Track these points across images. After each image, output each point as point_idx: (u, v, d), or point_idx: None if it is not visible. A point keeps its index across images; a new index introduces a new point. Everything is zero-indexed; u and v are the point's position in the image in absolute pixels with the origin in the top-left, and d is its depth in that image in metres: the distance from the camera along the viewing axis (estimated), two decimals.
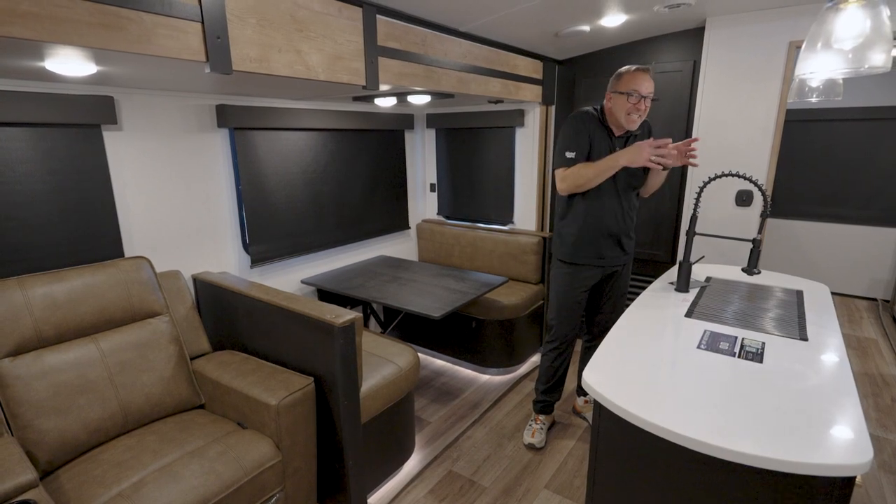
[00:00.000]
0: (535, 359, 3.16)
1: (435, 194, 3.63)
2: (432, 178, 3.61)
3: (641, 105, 1.90)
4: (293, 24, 1.46)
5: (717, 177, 1.81)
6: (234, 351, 2.03)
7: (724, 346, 1.45)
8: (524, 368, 3.06)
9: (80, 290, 1.66)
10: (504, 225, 3.32)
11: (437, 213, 3.66)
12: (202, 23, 1.24)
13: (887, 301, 4.17)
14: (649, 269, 3.03)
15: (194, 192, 2.17)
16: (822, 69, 1.04)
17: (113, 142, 1.87)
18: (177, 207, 2.11)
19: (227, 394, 1.77)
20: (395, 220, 3.37)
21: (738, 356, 1.38)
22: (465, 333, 2.98)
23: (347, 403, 1.72)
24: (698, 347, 1.44)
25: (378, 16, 1.75)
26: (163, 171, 2.04)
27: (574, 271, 2.14)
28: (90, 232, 1.84)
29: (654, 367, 1.36)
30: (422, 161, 3.58)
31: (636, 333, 1.57)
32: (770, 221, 4.52)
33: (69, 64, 1.30)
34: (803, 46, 1.09)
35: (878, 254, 4.24)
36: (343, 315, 1.68)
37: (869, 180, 4.22)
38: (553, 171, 2.10)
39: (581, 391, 2.57)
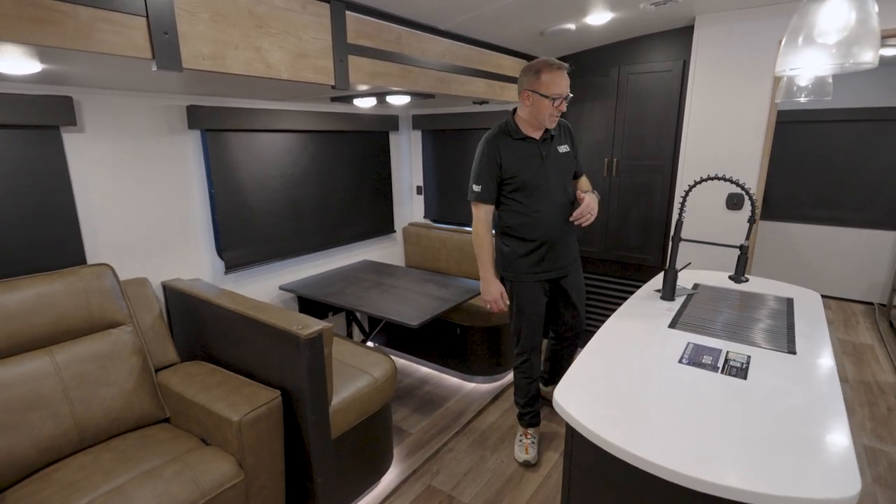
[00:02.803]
0: None
1: (422, 197, 3.55)
2: (419, 180, 3.53)
3: (563, 106, 1.84)
4: (251, 20, 1.38)
5: (702, 180, 1.73)
6: (203, 362, 1.95)
7: (707, 360, 1.37)
8: (511, 376, 2.98)
9: (33, 299, 1.58)
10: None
11: (424, 217, 3.58)
12: (147, 17, 1.16)
13: (884, 305, 4.10)
14: (639, 275, 2.95)
15: (164, 196, 2.09)
16: (804, 65, 0.97)
17: (74, 144, 1.79)
18: (145, 212, 2.03)
19: (191, 408, 1.69)
20: (381, 223, 3.28)
21: (722, 371, 1.30)
22: (451, 340, 2.90)
23: (315, 418, 1.64)
24: (679, 362, 1.36)
25: (348, 12, 1.67)
26: (130, 175, 1.96)
27: (521, 287, 2.05)
28: (49, 239, 1.76)
29: (630, 386, 1.28)
30: (408, 163, 3.50)
31: (615, 346, 1.49)
32: (765, 224, 4.44)
33: (8, 61, 1.22)
34: (783, 41, 1.00)
35: (875, 257, 4.15)
36: (311, 326, 1.60)
37: (865, 182, 4.14)
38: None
39: (548, 382, 2.54)
